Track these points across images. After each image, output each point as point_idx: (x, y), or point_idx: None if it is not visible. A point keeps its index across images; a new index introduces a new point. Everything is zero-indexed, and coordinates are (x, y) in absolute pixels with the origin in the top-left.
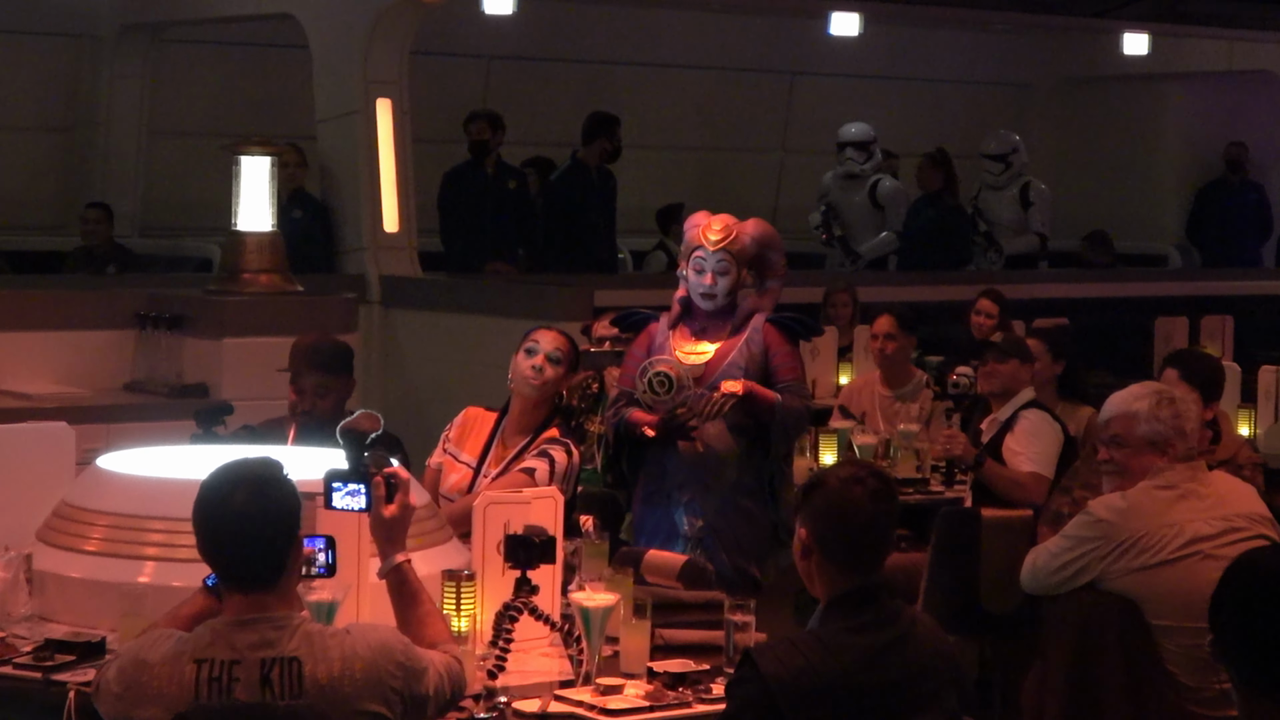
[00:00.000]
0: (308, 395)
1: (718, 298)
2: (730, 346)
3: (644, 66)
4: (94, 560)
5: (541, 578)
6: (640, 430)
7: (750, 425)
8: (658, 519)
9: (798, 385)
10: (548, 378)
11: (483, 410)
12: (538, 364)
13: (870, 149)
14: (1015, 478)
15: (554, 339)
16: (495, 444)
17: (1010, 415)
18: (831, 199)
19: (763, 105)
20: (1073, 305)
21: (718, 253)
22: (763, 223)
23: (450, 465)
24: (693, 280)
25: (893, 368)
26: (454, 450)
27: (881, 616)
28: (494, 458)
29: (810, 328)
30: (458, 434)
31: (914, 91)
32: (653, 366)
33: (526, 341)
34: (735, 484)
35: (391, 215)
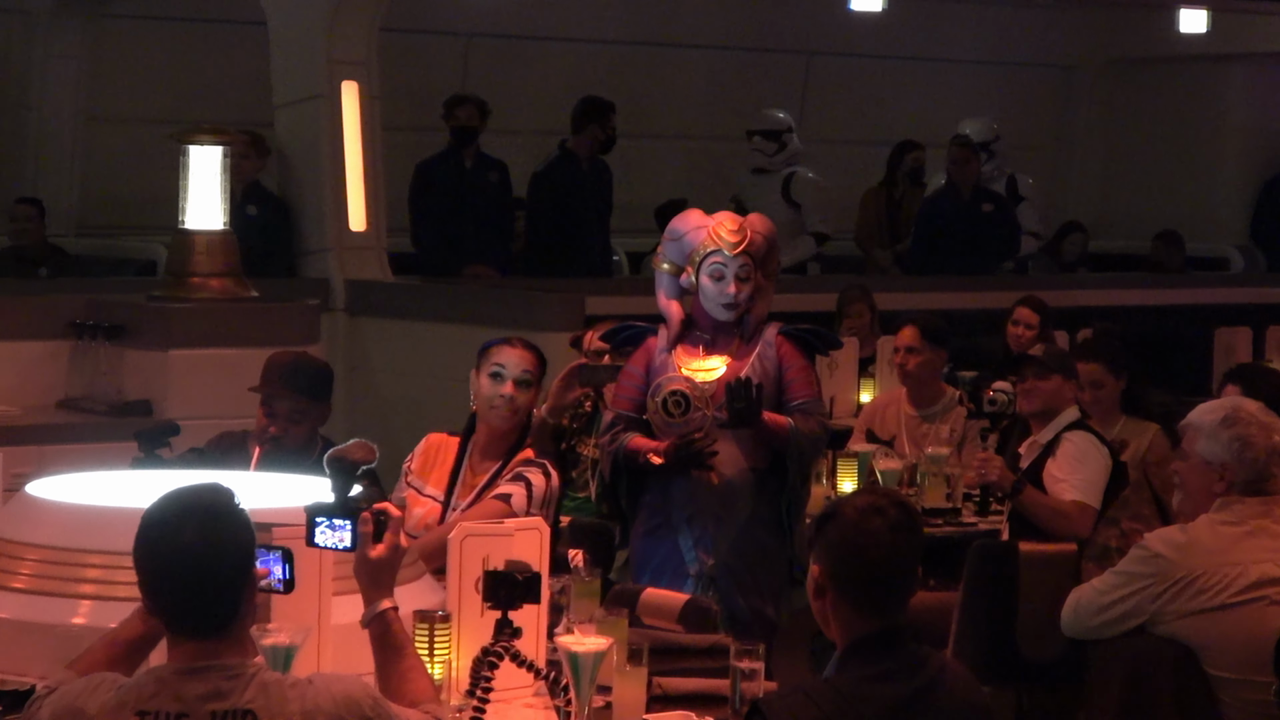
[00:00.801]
0: (280, 420)
1: (741, 305)
2: (742, 362)
3: (642, 46)
4: (23, 599)
5: (525, 619)
6: (646, 458)
7: (764, 451)
8: (664, 555)
9: (813, 405)
10: (519, 405)
11: (446, 436)
12: (507, 393)
13: (783, 138)
14: (1058, 507)
15: (520, 357)
16: (463, 472)
17: (1052, 438)
18: (741, 196)
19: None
20: (1122, 314)
21: (739, 257)
22: (766, 219)
23: (414, 499)
24: (710, 289)
25: (919, 384)
26: (417, 483)
27: (906, 663)
28: (463, 488)
29: (828, 340)
30: (420, 464)
31: (943, 74)
32: (666, 385)
33: (488, 363)
34: (750, 516)
35: (358, 212)
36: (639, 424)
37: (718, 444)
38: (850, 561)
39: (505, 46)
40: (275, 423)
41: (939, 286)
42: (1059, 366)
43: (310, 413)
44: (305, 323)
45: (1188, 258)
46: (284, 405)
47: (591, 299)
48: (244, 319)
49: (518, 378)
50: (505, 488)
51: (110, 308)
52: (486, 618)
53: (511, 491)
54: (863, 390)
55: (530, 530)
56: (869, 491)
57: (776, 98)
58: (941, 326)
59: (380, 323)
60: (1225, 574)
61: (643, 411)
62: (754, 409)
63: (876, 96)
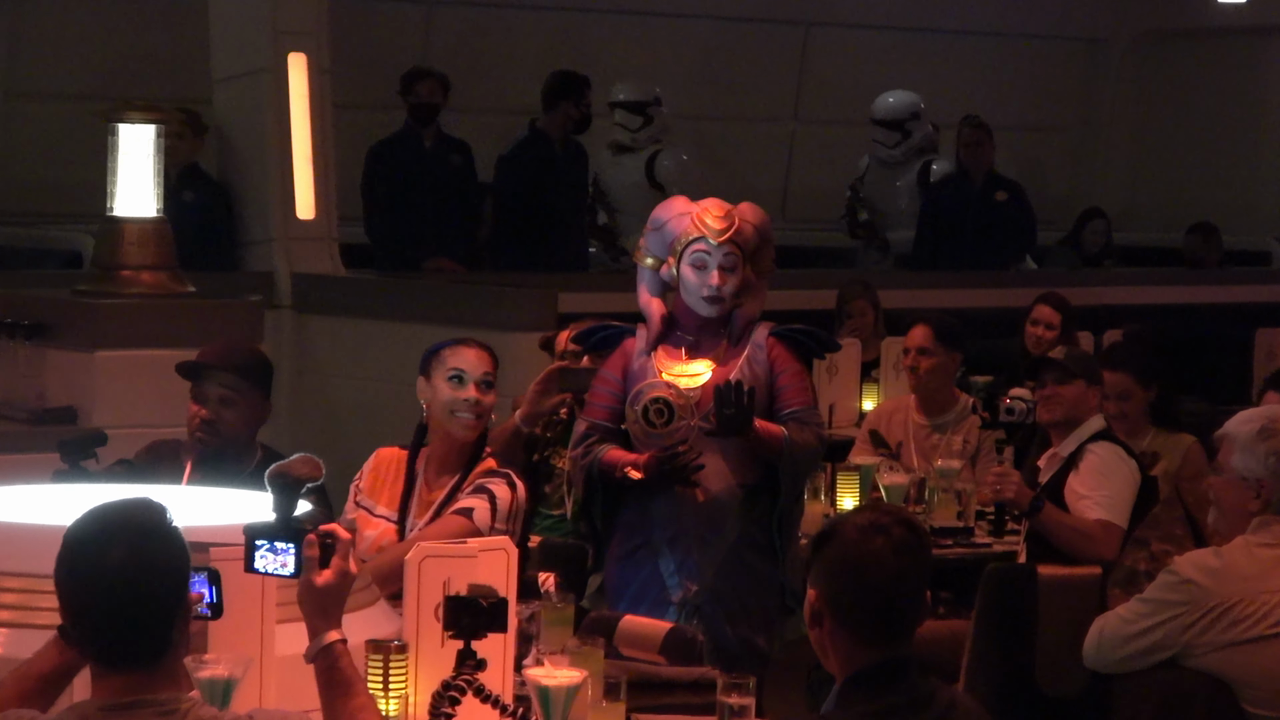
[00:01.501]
0: (212, 404)
1: (726, 300)
2: (729, 366)
3: (622, 15)
4: None
5: (490, 649)
6: (623, 472)
7: (754, 464)
8: (643, 580)
9: (808, 413)
10: (485, 410)
11: (397, 450)
12: (471, 397)
13: (649, 112)
14: (1080, 527)
15: (479, 358)
16: (417, 489)
17: (1075, 449)
18: (599, 177)
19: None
20: (1152, 313)
21: (724, 245)
22: (757, 208)
23: (365, 521)
24: (692, 281)
25: (930, 391)
26: (367, 503)
27: (912, 698)
28: (419, 506)
29: (825, 342)
30: (370, 483)
31: (956, 48)
32: (647, 392)
33: (443, 368)
34: (739, 537)
35: (306, 199)
36: (615, 434)
37: (703, 457)
38: (850, 586)
39: (470, 15)
40: (206, 407)
41: (949, 283)
42: (1082, 371)
43: (246, 398)
44: (247, 321)
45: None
46: (215, 387)
47: (565, 295)
48: (179, 317)
49: (480, 379)
50: (466, 501)
51: (30, 304)
52: (447, 648)
53: (473, 505)
54: (865, 397)
55: (496, 551)
56: (871, 509)
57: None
58: (956, 327)
59: (331, 321)
60: (1263, 602)
61: (618, 421)
62: (745, 415)
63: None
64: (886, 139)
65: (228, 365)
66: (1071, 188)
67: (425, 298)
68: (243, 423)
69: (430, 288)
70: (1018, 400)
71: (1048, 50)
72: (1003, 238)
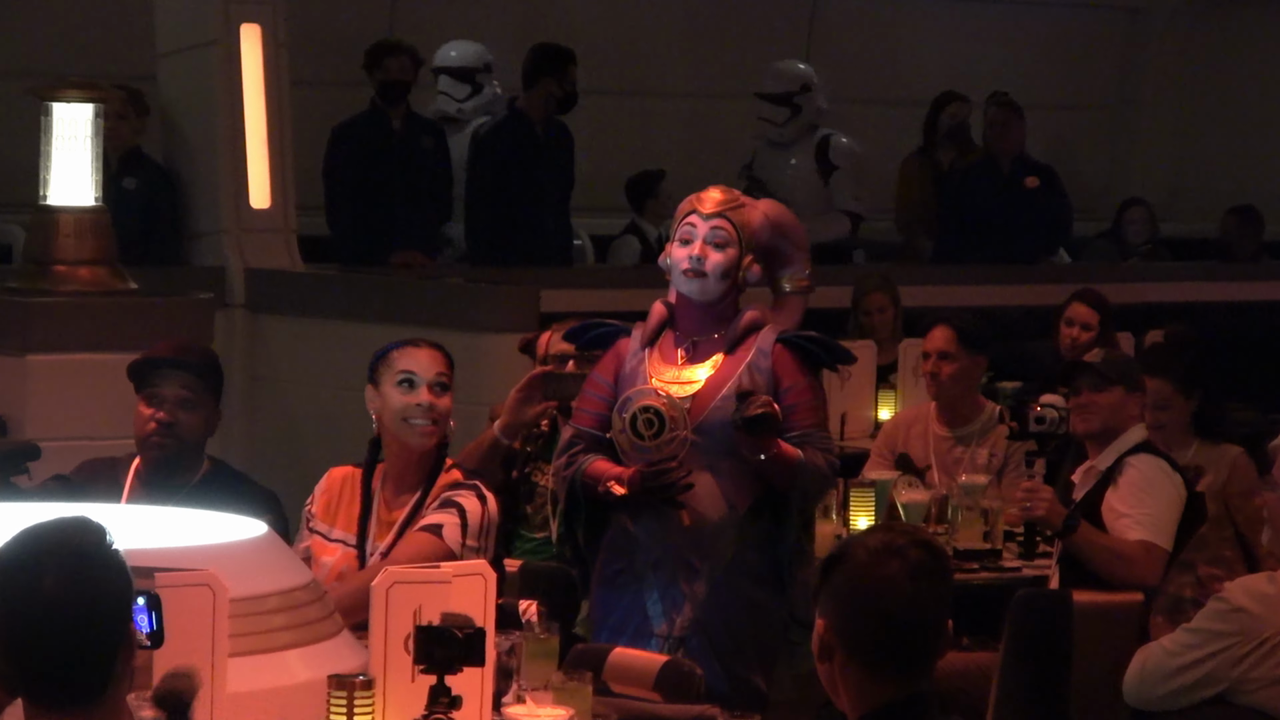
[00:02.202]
0: (169, 405)
1: (708, 279)
2: (728, 371)
3: None
4: None
5: (466, 685)
6: (606, 487)
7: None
8: (625, 609)
9: (818, 436)
10: (440, 414)
11: (349, 469)
12: (424, 401)
13: (477, 79)
14: (1119, 549)
15: (430, 358)
16: (375, 509)
17: (1113, 463)
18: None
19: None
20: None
21: (713, 218)
22: (782, 206)
23: (321, 547)
24: (676, 257)
25: (951, 399)
26: (322, 527)
27: None
28: (379, 527)
29: (837, 353)
30: (324, 505)
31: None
32: (637, 400)
33: (391, 372)
34: (733, 562)
35: (261, 186)
36: (603, 444)
37: (694, 475)
38: (863, 614)
39: None
40: (163, 409)
41: (973, 278)
42: (1121, 376)
43: (204, 401)
44: (196, 321)
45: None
46: (172, 387)
47: (548, 293)
48: (120, 317)
49: (433, 381)
50: (433, 517)
51: None
52: (418, 683)
53: (441, 521)
54: (881, 405)
55: (472, 576)
56: (886, 529)
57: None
58: (980, 328)
59: (288, 322)
60: None
61: (607, 429)
62: (776, 420)
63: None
64: (774, 115)
65: (185, 364)
66: (1109, 173)
67: (392, 296)
68: (200, 428)
69: (398, 285)
70: (1049, 408)
71: (1083, 20)
72: (1033, 228)
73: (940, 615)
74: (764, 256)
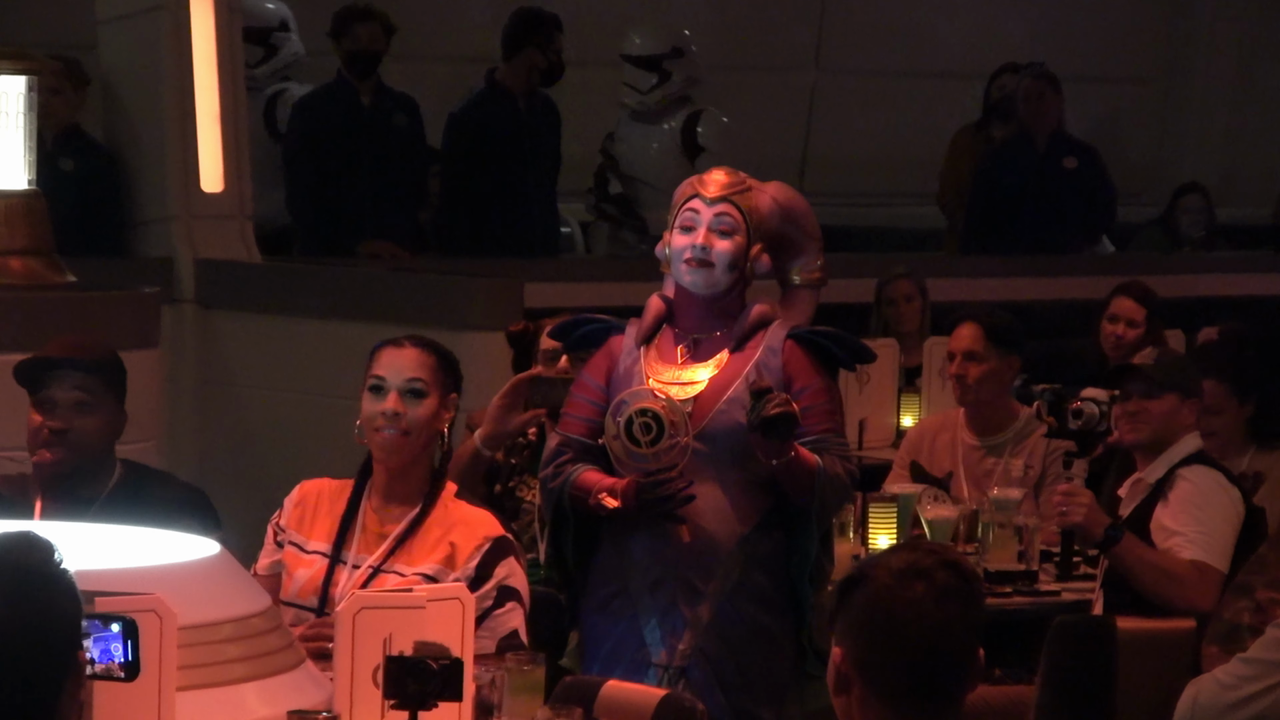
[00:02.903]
0: (63, 411)
1: (715, 269)
2: (733, 371)
3: None
4: None
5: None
6: (597, 500)
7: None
8: (619, 637)
9: (834, 442)
10: (409, 424)
11: (326, 482)
12: (388, 409)
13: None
14: (1170, 569)
15: (407, 360)
16: (360, 518)
17: (1164, 474)
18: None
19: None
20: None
21: (718, 202)
22: (791, 190)
23: (295, 559)
24: (676, 247)
25: (981, 403)
26: (297, 538)
27: None
28: (364, 538)
29: (856, 350)
30: (296, 517)
31: None
32: (633, 402)
33: (369, 374)
34: (741, 584)
35: (213, 167)
36: (593, 452)
37: (696, 486)
38: (884, 642)
39: None
40: (55, 415)
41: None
42: (1176, 381)
43: (103, 403)
44: (140, 319)
45: None
46: (66, 390)
47: (533, 287)
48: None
49: (404, 387)
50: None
51: None
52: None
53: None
54: (904, 411)
55: (449, 600)
56: (910, 548)
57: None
58: (1012, 325)
59: (244, 319)
60: None
61: (599, 435)
62: (795, 421)
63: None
64: (639, 81)
65: (78, 362)
66: (1157, 153)
67: (361, 290)
68: (100, 433)
69: (367, 278)
70: (1089, 402)
71: None
72: (1072, 214)
73: (970, 644)
74: (772, 245)
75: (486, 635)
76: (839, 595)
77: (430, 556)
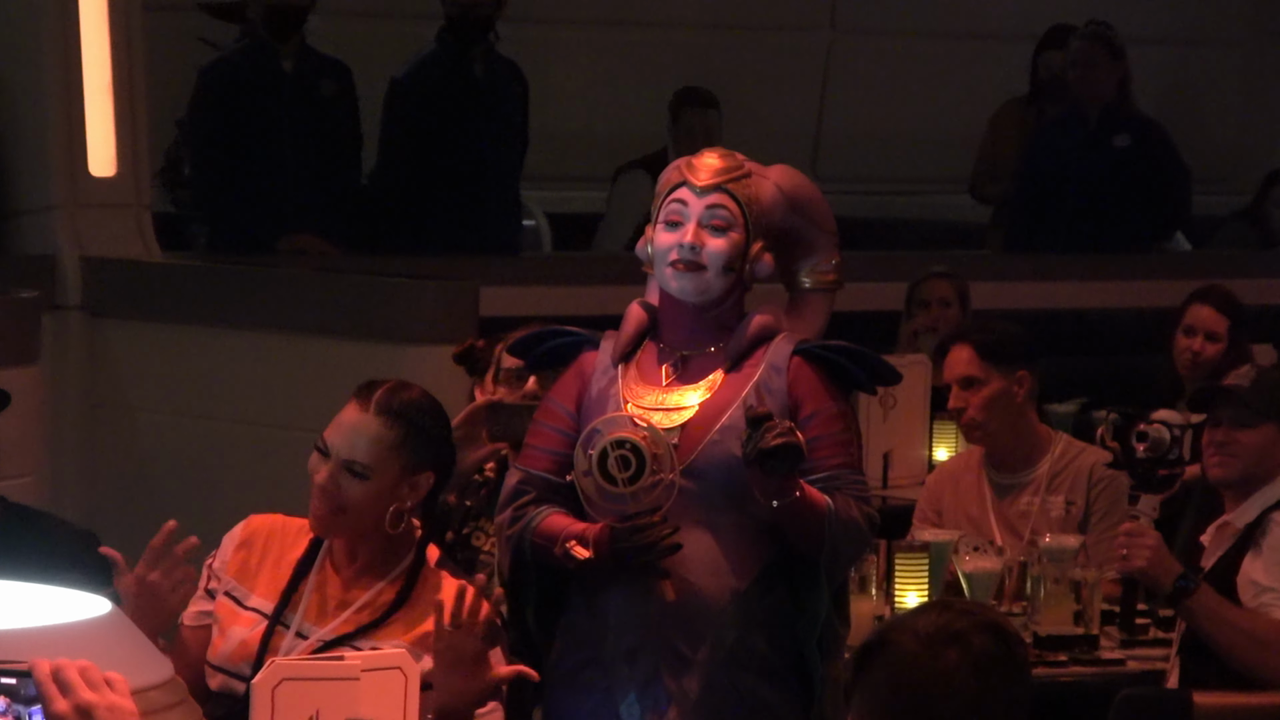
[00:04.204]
0: None
1: (707, 273)
2: (729, 395)
3: None
4: None
5: None
6: (565, 549)
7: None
8: (590, 714)
9: (849, 476)
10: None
11: (281, 521)
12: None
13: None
14: (1255, 629)
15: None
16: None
17: (1255, 519)
18: None
19: None
20: None
21: (711, 192)
22: (798, 174)
23: (230, 614)
24: (661, 246)
25: (995, 435)
26: (236, 589)
27: None
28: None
29: (877, 369)
30: (239, 561)
31: None
32: (608, 431)
33: None
34: (736, 650)
35: (104, 147)
36: (560, 492)
37: (683, 533)
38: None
39: None
40: None
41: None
42: (1271, 408)
43: None
44: (16, 329)
45: None
46: None
47: (490, 290)
48: None
49: (346, 461)
50: None
51: None
52: None
53: None
54: (938, 443)
55: (389, 671)
56: (942, 607)
57: None
58: (1010, 337)
59: (141, 329)
60: None
61: (567, 471)
62: (800, 454)
63: None
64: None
65: None
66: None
67: (281, 294)
68: None
69: (289, 279)
70: (1159, 424)
71: None
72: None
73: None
74: (776, 243)
75: None
76: (856, 665)
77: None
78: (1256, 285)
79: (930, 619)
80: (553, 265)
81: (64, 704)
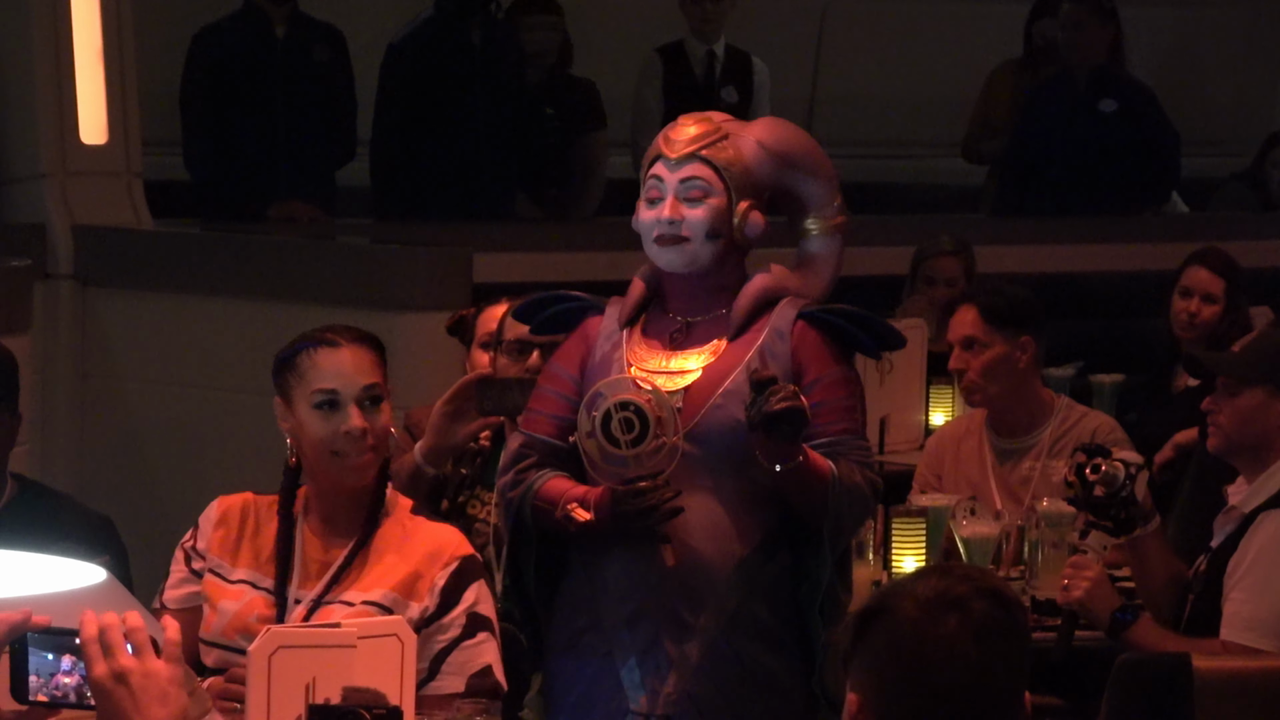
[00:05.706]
0: None
1: (691, 244)
2: (731, 360)
3: None
4: None
5: None
6: (565, 512)
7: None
8: (589, 682)
9: (852, 442)
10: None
11: (251, 499)
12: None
13: None
14: None
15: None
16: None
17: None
18: None
19: None
20: None
21: (685, 164)
22: (785, 124)
23: (217, 589)
24: (643, 222)
25: (996, 399)
26: (219, 565)
27: None
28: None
29: (881, 332)
30: (219, 539)
31: None
32: (611, 394)
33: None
34: (738, 616)
35: (95, 114)
36: (562, 457)
37: (685, 497)
38: (911, 687)
39: None
40: None
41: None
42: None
43: None
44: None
45: None
46: None
47: (484, 258)
48: None
49: (362, 396)
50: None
51: None
52: None
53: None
54: (934, 407)
55: (386, 637)
56: (941, 573)
57: None
58: (1018, 300)
59: (132, 298)
60: None
61: (569, 434)
62: (805, 418)
63: None
64: None
65: None
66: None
67: (273, 262)
68: None
69: (280, 247)
70: (1117, 463)
71: None
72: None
73: (1013, 689)
74: (774, 201)
75: (454, 671)
76: (855, 631)
77: (383, 582)
78: (1255, 247)
79: (930, 584)
80: (543, 232)
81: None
